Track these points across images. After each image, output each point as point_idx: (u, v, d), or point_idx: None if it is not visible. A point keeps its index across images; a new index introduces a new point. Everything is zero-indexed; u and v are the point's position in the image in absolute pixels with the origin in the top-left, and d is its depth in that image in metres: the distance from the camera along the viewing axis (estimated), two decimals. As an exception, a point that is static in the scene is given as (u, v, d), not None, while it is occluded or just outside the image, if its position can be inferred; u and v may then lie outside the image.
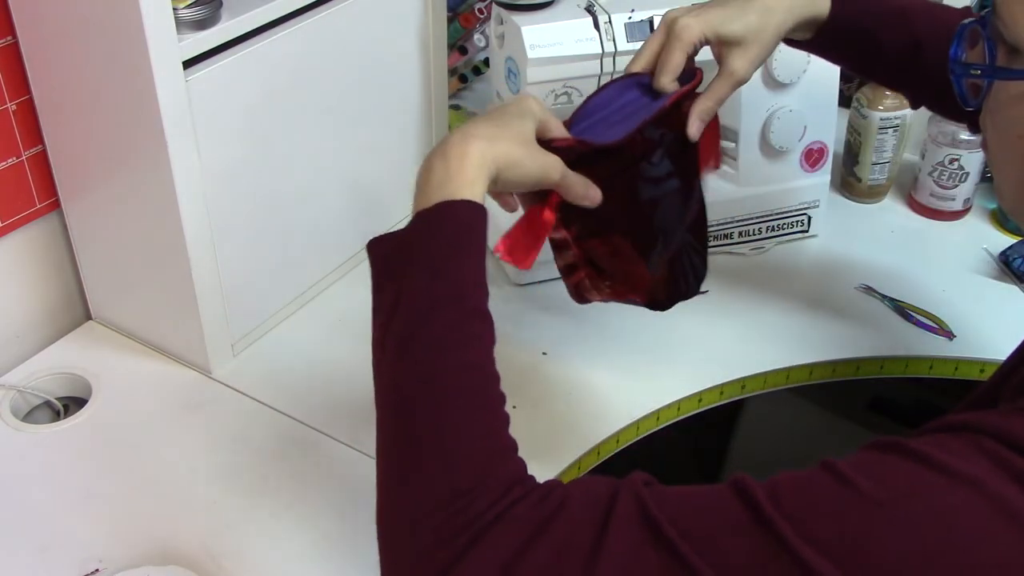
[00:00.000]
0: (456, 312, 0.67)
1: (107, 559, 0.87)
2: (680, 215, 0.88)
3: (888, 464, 0.57)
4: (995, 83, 0.66)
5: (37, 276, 1.09)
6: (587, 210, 0.81)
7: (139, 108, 0.90)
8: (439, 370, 0.66)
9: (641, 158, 0.84)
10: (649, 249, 0.86)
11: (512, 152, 0.73)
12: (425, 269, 0.68)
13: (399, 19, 1.15)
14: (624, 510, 0.59)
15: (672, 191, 0.86)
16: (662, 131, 0.84)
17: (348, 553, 0.88)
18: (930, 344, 1.12)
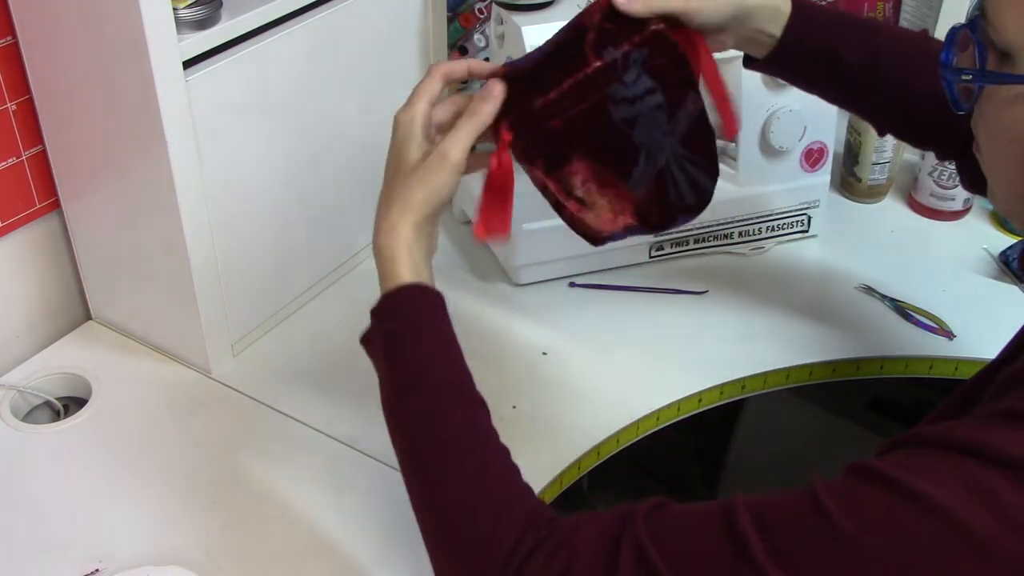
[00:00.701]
0: (417, 400, 0.73)
1: (107, 559, 0.87)
2: (666, 129, 0.85)
3: (864, 495, 0.59)
4: (986, 87, 0.66)
5: (37, 276, 1.09)
6: (547, 138, 0.81)
7: (139, 108, 0.90)
8: (422, 449, 0.72)
9: (608, 81, 0.82)
10: (628, 167, 0.84)
11: (411, 198, 0.77)
12: (383, 364, 0.76)
13: (399, 19, 1.15)
14: (627, 558, 0.63)
15: (653, 107, 0.84)
16: (626, 50, 0.82)
17: (348, 553, 0.88)
18: (930, 344, 1.12)
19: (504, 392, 1.04)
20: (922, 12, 1.45)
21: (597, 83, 0.82)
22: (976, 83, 0.66)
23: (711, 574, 0.60)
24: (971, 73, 0.66)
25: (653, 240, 1.21)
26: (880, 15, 1.49)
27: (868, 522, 0.57)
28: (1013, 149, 0.64)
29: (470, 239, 1.26)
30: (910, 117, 0.96)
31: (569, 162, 0.83)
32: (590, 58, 0.81)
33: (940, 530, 0.55)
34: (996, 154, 0.67)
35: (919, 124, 0.96)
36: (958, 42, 0.69)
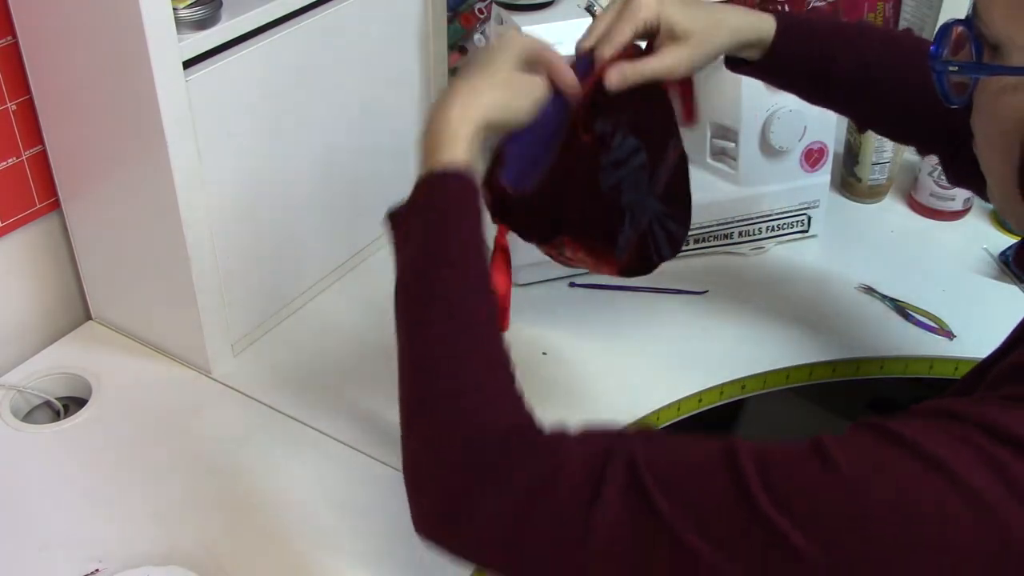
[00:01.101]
0: (452, 273, 0.72)
1: (107, 559, 0.87)
2: (648, 186, 0.88)
3: (870, 445, 0.59)
4: (980, 82, 0.66)
5: (37, 276, 1.09)
6: (540, 221, 0.85)
7: (139, 108, 0.90)
8: (444, 321, 0.70)
9: (596, 155, 0.84)
10: (614, 235, 0.87)
11: (495, 99, 0.77)
12: (420, 234, 0.73)
13: (399, 19, 1.15)
14: (615, 477, 0.61)
15: (638, 166, 0.87)
16: (614, 119, 0.84)
17: (349, 553, 0.88)
18: (930, 344, 1.12)
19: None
20: (922, 12, 1.45)
21: (587, 157, 0.84)
22: (963, 75, 0.67)
23: (703, 502, 0.59)
24: (958, 65, 0.67)
25: (653, 240, 1.21)
26: (880, 15, 1.50)
27: (873, 472, 0.57)
28: (1003, 143, 0.65)
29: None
30: (893, 116, 0.97)
31: (560, 234, 0.87)
32: (579, 135, 0.84)
33: (945, 487, 0.55)
34: (989, 150, 0.68)
35: (900, 121, 0.97)
36: (951, 38, 0.69)
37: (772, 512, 0.57)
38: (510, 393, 0.70)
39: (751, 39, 0.91)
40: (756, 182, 1.22)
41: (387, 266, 0.87)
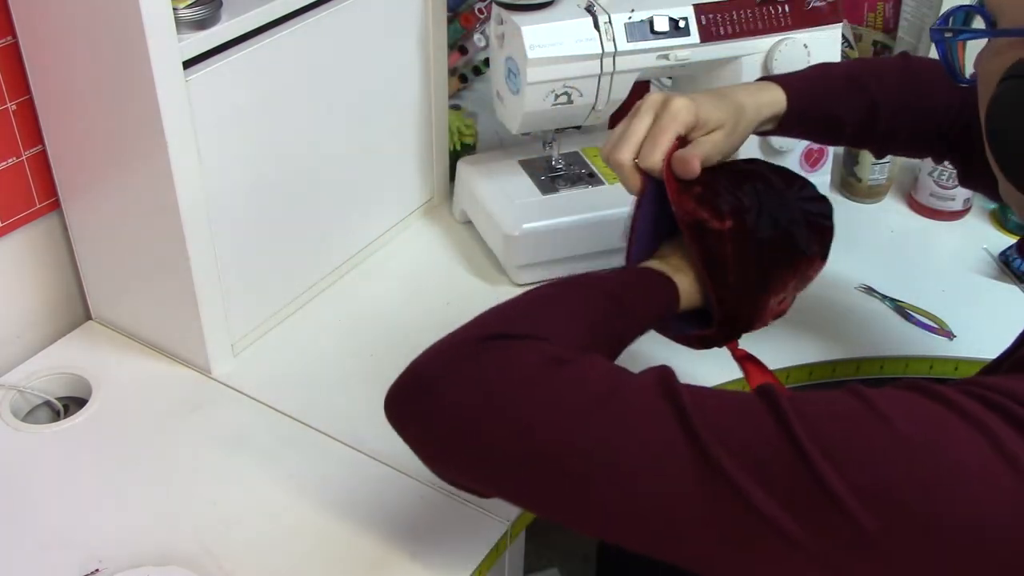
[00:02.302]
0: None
1: (107, 559, 0.87)
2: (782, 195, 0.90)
3: (911, 399, 0.59)
4: (981, 64, 0.68)
5: (37, 276, 1.09)
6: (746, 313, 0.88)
7: (139, 108, 0.90)
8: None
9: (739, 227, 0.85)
10: (797, 250, 0.90)
11: None
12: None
13: (399, 19, 1.15)
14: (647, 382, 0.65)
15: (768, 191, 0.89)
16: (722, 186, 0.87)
17: (349, 553, 0.88)
18: (930, 344, 1.12)
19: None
20: (922, 12, 1.45)
21: (739, 233, 0.85)
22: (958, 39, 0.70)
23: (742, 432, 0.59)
24: (951, 30, 0.70)
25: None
26: (880, 15, 1.50)
27: (912, 417, 0.57)
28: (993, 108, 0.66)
29: (470, 239, 1.26)
30: (907, 139, 1.00)
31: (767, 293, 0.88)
32: (713, 226, 0.84)
33: (981, 440, 0.55)
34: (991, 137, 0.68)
35: (915, 141, 1.00)
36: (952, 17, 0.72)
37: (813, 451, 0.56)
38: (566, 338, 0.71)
39: (768, 116, 0.94)
40: (756, 182, 1.22)
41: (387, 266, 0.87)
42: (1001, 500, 0.55)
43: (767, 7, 1.13)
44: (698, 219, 0.84)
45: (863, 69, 0.99)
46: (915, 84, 0.97)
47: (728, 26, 1.12)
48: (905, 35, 1.48)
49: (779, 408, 0.58)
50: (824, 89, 0.97)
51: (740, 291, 0.85)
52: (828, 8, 1.15)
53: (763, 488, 0.57)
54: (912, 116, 0.97)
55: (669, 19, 1.09)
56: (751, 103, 0.93)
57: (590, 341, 0.73)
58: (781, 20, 1.13)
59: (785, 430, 0.57)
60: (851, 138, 1.00)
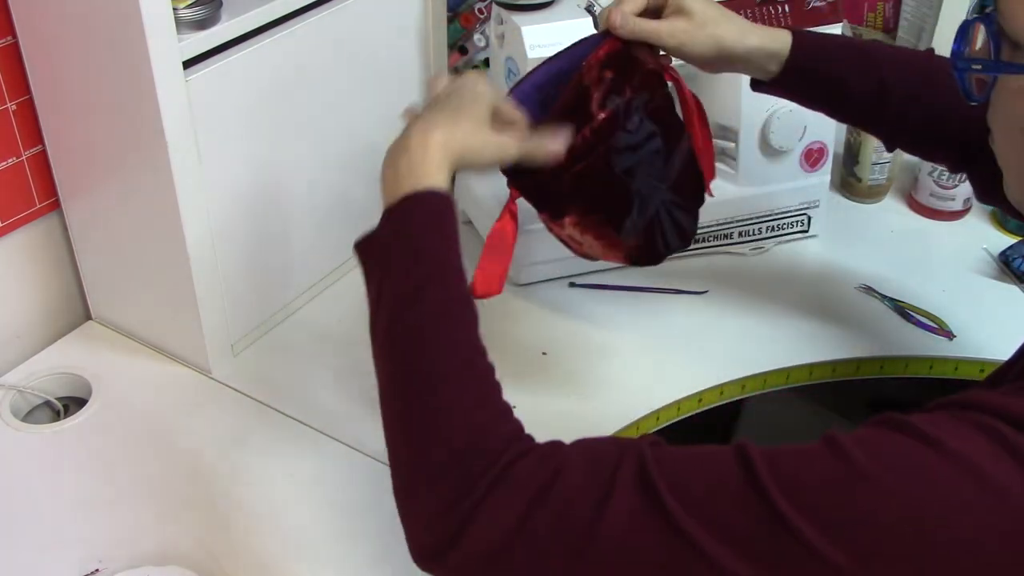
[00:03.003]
0: (437, 293, 0.70)
1: (107, 559, 0.87)
2: (661, 174, 0.89)
3: (886, 439, 0.58)
4: (999, 79, 0.66)
5: (37, 276, 1.09)
6: (552, 195, 0.85)
7: (139, 108, 0.90)
8: (426, 347, 0.69)
9: (612, 132, 0.84)
10: (621, 218, 0.88)
11: (470, 140, 0.76)
12: (401, 260, 0.71)
13: (399, 19, 1.15)
14: (626, 476, 0.61)
15: (652, 152, 0.87)
16: (628, 97, 0.84)
17: (348, 553, 0.88)
18: (930, 344, 1.12)
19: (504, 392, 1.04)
20: (922, 12, 1.45)
21: (602, 135, 0.84)
22: (987, 73, 0.67)
23: (716, 501, 0.58)
24: (981, 63, 0.67)
25: (653, 240, 1.21)
26: (880, 15, 1.49)
27: (885, 462, 0.57)
28: (1023, 140, 0.65)
29: (470, 239, 1.26)
30: (918, 134, 0.97)
31: (570, 214, 0.87)
32: (595, 112, 0.83)
33: (960, 475, 0.55)
34: (1008, 145, 0.68)
35: (927, 139, 0.98)
36: (972, 34, 0.69)
37: (783, 504, 0.56)
38: (499, 406, 0.69)
39: (763, 45, 0.91)
40: (756, 182, 1.22)
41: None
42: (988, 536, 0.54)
43: (767, 7, 1.13)
44: (586, 88, 0.82)
45: (881, 48, 0.97)
46: (934, 80, 0.93)
47: (728, 26, 1.12)
48: (905, 35, 1.48)
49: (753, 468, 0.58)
50: (836, 47, 0.94)
51: (553, 173, 0.83)
52: (828, 8, 1.15)
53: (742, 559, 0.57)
54: (925, 111, 0.94)
55: (669, 19, 1.09)
56: (744, 23, 0.91)
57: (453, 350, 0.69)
58: (781, 20, 1.14)
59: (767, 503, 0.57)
60: (857, 113, 0.97)
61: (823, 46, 0.93)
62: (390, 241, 0.73)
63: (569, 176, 0.84)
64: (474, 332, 0.71)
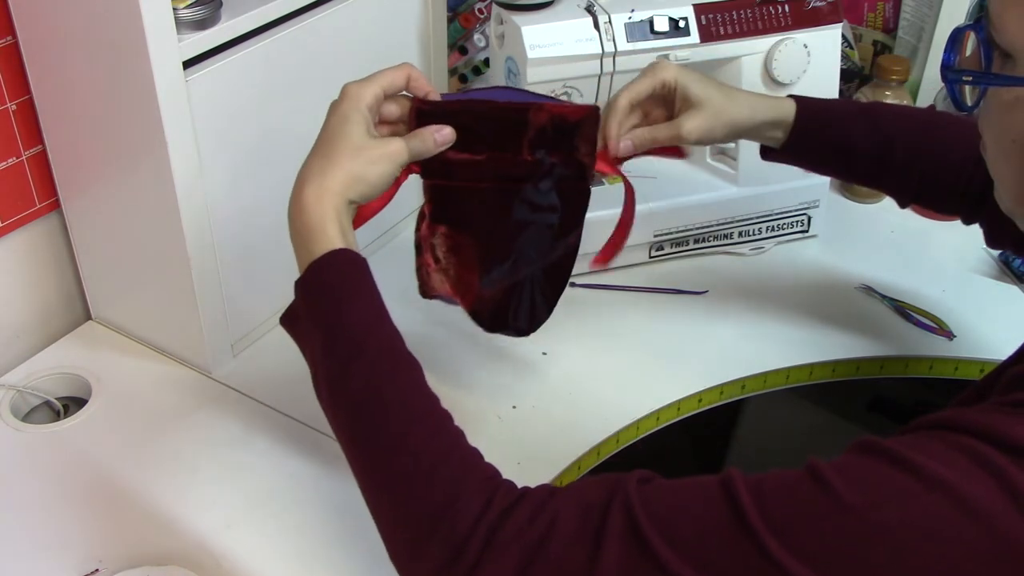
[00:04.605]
0: (366, 360, 0.69)
1: (107, 559, 0.87)
2: (543, 251, 0.89)
3: (867, 468, 0.58)
4: (989, 89, 0.66)
5: (37, 276, 1.09)
6: (446, 192, 0.84)
7: (139, 108, 0.90)
8: (374, 414, 0.68)
9: (527, 178, 0.85)
10: (492, 264, 0.87)
11: (352, 172, 0.75)
12: (324, 336, 0.71)
13: (399, 19, 1.15)
14: (615, 525, 0.60)
15: (546, 225, 0.88)
16: (554, 161, 0.86)
17: (348, 552, 0.88)
18: (930, 344, 1.12)
19: (504, 392, 1.04)
20: (922, 12, 1.45)
21: (516, 174, 0.84)
22: (978, 85, 0.67)
23: (705, 543, 0.59)
24: (972, 74, 0.67)
25: (653, 240, 1.21)
26: (880, 15, 1.50)
27: (869, 493, 0.57)
28: (1015, 150, 0.65)
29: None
30: (929, 189, 0.99)
31: (449, 225, 0.86)
32: (523, 150, 0.84)
33: (943, 502, 0.55)
34: (1000, 155, 0.68)
35: (938, 194, 1.00)
36: (961, 43, 0.69)
37: (771, 543, 0.57)
38: (465, 454, 0.67)
39: (771, 117, 0.94)
40: (756, 182, 1.22)
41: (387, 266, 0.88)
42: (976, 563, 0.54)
43: (767, 7, 1.13)
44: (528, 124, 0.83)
45: (881, 107, 1.00)
46: (936, 134, 0.96)
47: (728, 26, 1.12)
48: (905, 35, 1.48)
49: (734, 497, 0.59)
50: (837, 109, 0.97)
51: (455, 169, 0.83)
52: (828, 8, 1.15)
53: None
54: (929, 164, 0.96)
55: (669, 19, 1.09)
56: (748, 98, 0.94)
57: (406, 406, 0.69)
58: (781, 20, 1.14)
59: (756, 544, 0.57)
60: (864, 171, 0.99)
61: (825, 108, 0.96)
62: (308, 316, 0.73)
63: (468, 185, 0.84)
64: (418, 384, 0.70)
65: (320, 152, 0.77)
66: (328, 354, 0.71)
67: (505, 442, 0.99)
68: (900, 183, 0.99)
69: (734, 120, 0.93)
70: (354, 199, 0.75)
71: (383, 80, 0.81)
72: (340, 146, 0.76)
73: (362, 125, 0.77)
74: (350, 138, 0.77)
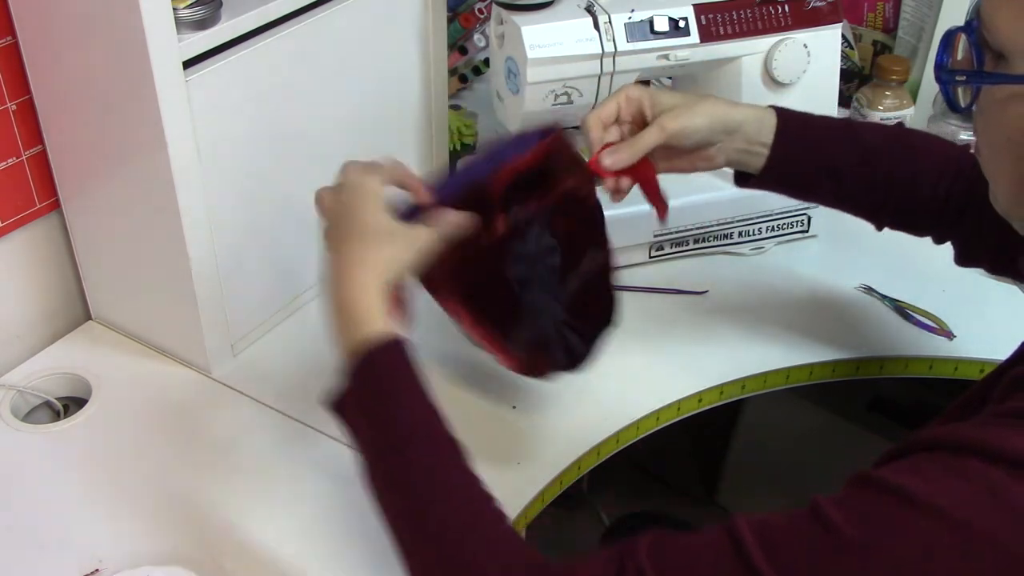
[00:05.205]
0: (409, 455, 0.71)
1: (107, 559, 0.87)
2: (555, 292, 0.89)
3: (868, 503, 0.59)
4: (982, 88, 0.66)
5: (37, 276, 1.09)
6: (448, 276, 0.84)
7: (139, 108, 0.90)
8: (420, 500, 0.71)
9: (510, 238, 0.85)
10: (508, 329, 0.87)
11: (390, 258, 0.77)
12: (374, 423, 0.73)
13: (399, 19, 1.15)
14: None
15: (548, 268, 0.88)
16: (531, 212, 0.86)
17: (348, 552, 0.88)
18: (930, 344, 1.12)
19: (504, 392, 1.04)
20: (922, 12, 1.45)
21: (499, 247, 0.85)
22: (969, 84, 0.67)
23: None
24: (965, 74, 0.67)
25: (653, 240, 1.21)
26: (880, 15, 1.50)
27: (871, 528, 0.57)
28: (1010, 149, 0.65)
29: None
30: (907, 206, 0.98)
31: (458, 303, 0.86)
32: (497, 219, 0.84)
33: (943, 530, 0.56)
34: (994, 154, 0.68)
35: (915, 211, 0.99)
36: (954, 44, 0.69)
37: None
38: (509, 535, 0.70)
39: (756, 115, 0.93)
40: (756, 182, 1.22)
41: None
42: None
43: (767, 7, 1.13)
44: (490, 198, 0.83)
45: (855, 123, 1.00)
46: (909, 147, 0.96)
47: (728, 26, 1.12)
48: (905, 35, 1.48)
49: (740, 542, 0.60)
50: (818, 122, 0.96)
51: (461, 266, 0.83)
52: (828, 8, 1.15)
53: None
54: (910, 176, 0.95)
55: (669, 19, 1.09)
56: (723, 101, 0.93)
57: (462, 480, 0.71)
58: (781, 20, 1.14)
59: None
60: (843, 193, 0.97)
61: (804, 115, 0.96)
62: (357, 402, 0.74)
63: (465, 266, 0.84)
64: (464, 468, 0.71)
65: (353, 237, 0.78)
66: (375, 443, 0.73)
67: (505, 442, 0.99)
68: (881, 201, 0.98)
69: (711, 110, 0.92)
70: (391, 281, 0.77)
71: (383, 173, 0.83)
72: (373, 231, 0.78)
73: (375, 205, 0.79)
74: (380, 223, 0.79)
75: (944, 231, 0.99)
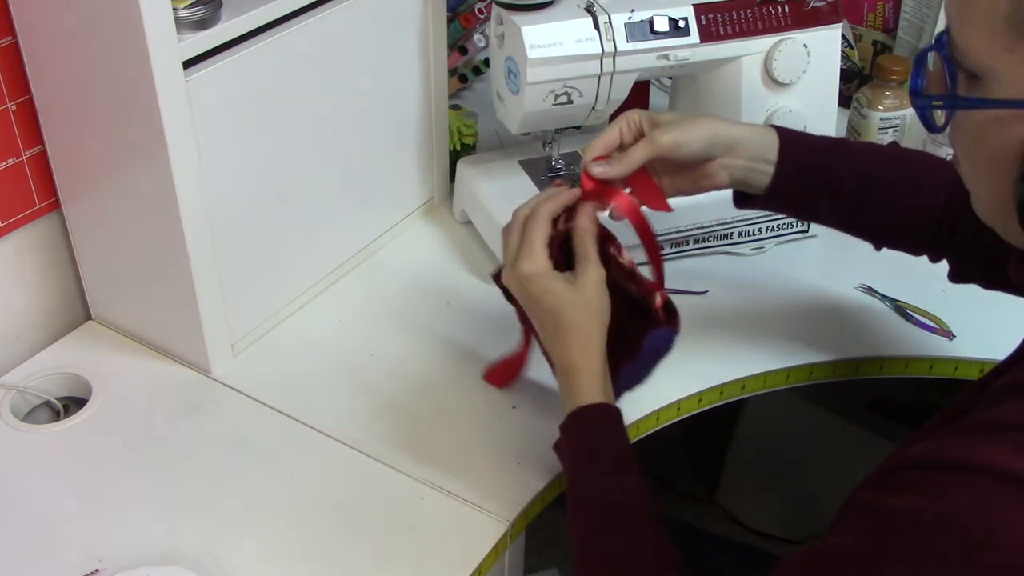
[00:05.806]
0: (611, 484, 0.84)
1: (107, 559, 0.87)
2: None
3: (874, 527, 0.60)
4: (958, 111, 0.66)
5: (37, 276, 1.09)
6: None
7: (139, 108, 0.90)
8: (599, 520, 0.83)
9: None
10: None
11: (599, 332, 0.88)
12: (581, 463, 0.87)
13: (399, 19, 1.15)
14: None
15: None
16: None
17: (347, 553, 0.88)
18: (930, 344, 1.12)
19: (504, 392, 1.04)
20: (922, 12, 1.45)
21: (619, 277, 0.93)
22: (945, 109, 0.66)
23: None
24: (941, 99, 0.66)
25: (653, 240, 1.21)
26: (880, 15, 1.50)
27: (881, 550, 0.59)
28: (989, 167, 0.65)
29: (470, 239, 1.26)
30: (900, 226, 0.99)
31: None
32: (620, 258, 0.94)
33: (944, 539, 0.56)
34: (974, 171, 0.68)
35: (909, 230, 0.99)
36: (926, 65, 0.68)
37: None
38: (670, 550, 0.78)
39: (756, 132, 0.94)
40: (756, 182, 1.22)
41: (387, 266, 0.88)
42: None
43: (767, 7, 1.13)
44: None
45: (851, 142, 1.00)
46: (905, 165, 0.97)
47: (728, 26, 1.12)
48: (905, 35, 1.48)
49: None
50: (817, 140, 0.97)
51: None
52: (828, 8, 1.15)
53: None
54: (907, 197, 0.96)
55: (669, 19, 1.09)
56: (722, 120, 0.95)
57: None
58: (781, 20, 1.14)
59: None
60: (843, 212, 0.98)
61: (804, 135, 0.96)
62: (567, 453, 0.88)
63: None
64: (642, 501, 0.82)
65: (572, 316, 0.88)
66: (586, 474, 0.85)
67: (505, 442, 0.99)
68: (878, 221, 0.98)
69: (708, 125, 0.93)
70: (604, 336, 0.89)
71: (538, 240, 0.90)
72: (563, 316, 0.88)
73: (557, 287, 0.88)
74: (563, 304, 0.88)
75: (940, 249, 1.00)
